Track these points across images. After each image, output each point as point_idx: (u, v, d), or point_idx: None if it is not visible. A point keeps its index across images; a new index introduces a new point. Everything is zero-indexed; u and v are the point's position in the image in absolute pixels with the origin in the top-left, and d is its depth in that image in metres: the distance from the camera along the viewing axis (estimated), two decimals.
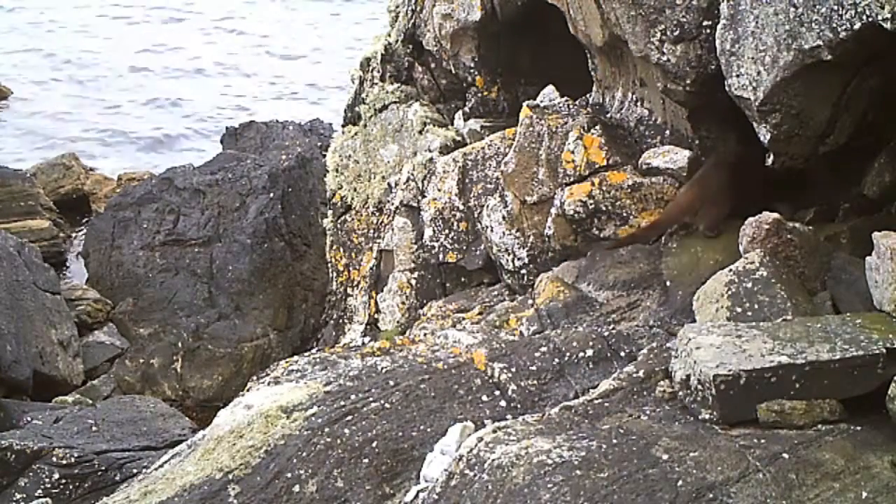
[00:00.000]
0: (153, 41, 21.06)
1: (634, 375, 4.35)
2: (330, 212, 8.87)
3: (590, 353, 4.90)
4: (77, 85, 18.91)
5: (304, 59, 20.48)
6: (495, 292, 6.70)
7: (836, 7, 4.38)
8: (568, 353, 4.90)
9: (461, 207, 7.05)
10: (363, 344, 6.17)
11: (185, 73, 19.51)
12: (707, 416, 3.89)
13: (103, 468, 6.20)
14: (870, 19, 4.24)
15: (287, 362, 5.26)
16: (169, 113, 17.95)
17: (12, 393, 8.39)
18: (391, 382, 4.72)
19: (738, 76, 5.00)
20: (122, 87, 18.83)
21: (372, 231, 8.28)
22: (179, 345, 10.14)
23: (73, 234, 12.91)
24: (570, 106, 6.42)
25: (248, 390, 5.16)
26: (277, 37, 21.53)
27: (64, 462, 6.14)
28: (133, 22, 22.24)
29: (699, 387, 3.92)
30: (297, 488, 4.26)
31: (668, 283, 5.48)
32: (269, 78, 19.53)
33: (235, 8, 23.22)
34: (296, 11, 23.31)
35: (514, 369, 4.82)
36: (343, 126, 9.03)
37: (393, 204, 7.72)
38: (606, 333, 5.07)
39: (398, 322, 7.47)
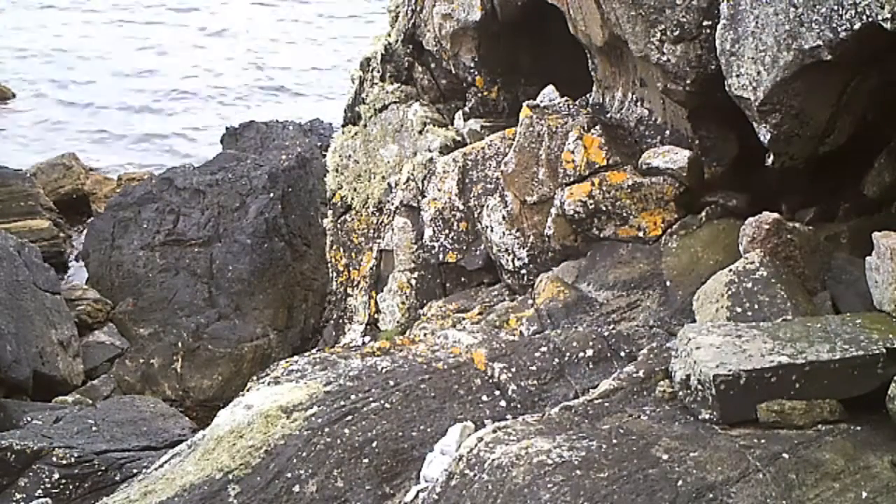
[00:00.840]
0: (152, 46, 21.13)
1: (634, 375, 4.36)
2: (330, 212, 8.87)
3: (590, 353, 4.90)
4: (79, 87, 18.93)
5: (302, 62, 20.52)
6: (495, 292, 6.70)
7: (836, 7, 4.38)
8: (568, 353, 4.90)
9: (461, 207, 7.04)
10: (363, 344, 6.18)
11: (184, 78, 19.55)
12: (707, 416, 3.89)
13: (103, 468, 6.20)
14: (870, 19, 4.24)
15: (287, 362, 5.26)
16: (168, 115, 17.98)
17: (12, 393, 8.39)
18: (391, 382, 4.72)
19: (738, 76, 5.00)
20: (122, 89, 18.85)
21: (372, 231, 8.28)
22: (179, 345, 10.14)
23: (73, 234, 12.91)
24: (570, 106, 6.42)
25: (248, 390, 5.16)
26: (274, 41, 21.57)
27: (64, 462, 6.14)
28: (134, 28, 22.29)
29: (699, 387, 3.92)
30: (297, 488, 4.26)
31: (668, 283, 5.48)
32: (267, 81, 19.58)
33: (232, 16, 23.29)
34: (291, 17, 23.38)
35: (514, 369, 4.82)
36: (343, 126, 9.03)
37: (393, 204, 7.72)
38: (606, 333, 5.07)
39: (398, 322, 7.47)
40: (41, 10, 22.93)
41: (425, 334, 5.96)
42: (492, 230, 6.52)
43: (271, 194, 10.81)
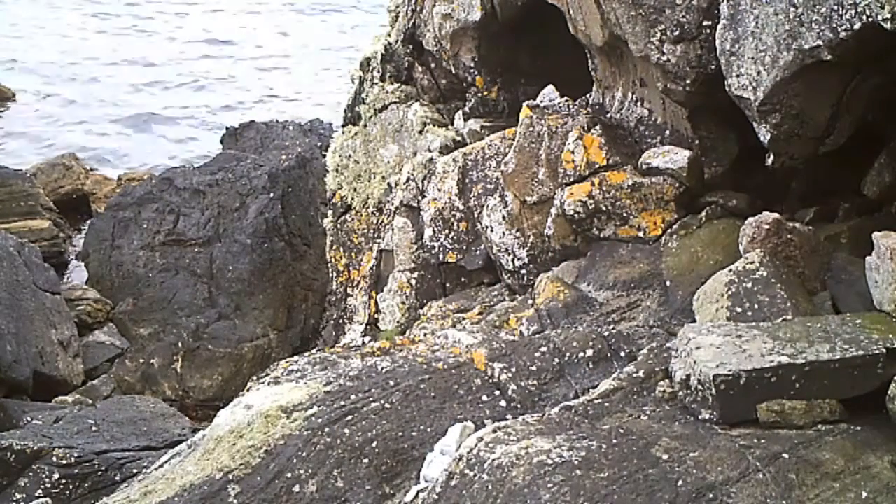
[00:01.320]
0: (153, 49, 21.16)
1: (634, 375, 4.35)
2: (330, 212, 8.87)
3: (590, 353, 4.90)
4: (79, 88, 18.96)
5: (296, 67, 20.56)
6: (495, 292, 6.70)
7: (836, 7, 4.38)
8: (568, 353, 4.90)
9: (461, 207, 7.05)
10: (363, 344, 6.17)
11: (184, 80, 19.58)
12: (707, 416, 3.89)
13: (103, 468, 6.19)
14: (870, 19, 4.24)
15: (287, 362, 5.26)
16: (168, 115, 18.00)
17: (12, 393, 8.40)
18: (391, 382, 4.72)
19: (738, 76, 5.00)
20: (122, 91, 18.88)
21: (372, 231, 8.28)
22: (179, 345, 10.14)
23: (73, 234, 12.92)
24: (570, 106, 6.42)
25: (248, 390, 5.16)
26: (268, 48, 21.60)
27: (64, 462, 6.14)
28: (134, 31, 22.33)
29: (699, 387, 3.92)
30: (297, 488, 4.26)
31: (668, 283, 5.48)
32: (262, 87, 19.62)
33: (232, 21, 23.33)
34: (287, 24, 23.42)
35: (514, 369, 4.82)
36: (343, 126, 9.03)
37: (393, 204, 7.72)
38: (606, 333, 5.07)
39: (398, 322, 7.47)
40: (42, 12, 22.95)
41: (425, 334, 5.96)
42: (492, 230, 6.52)
43: (271, 194, 10.82)
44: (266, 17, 23.84)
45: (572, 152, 6.13)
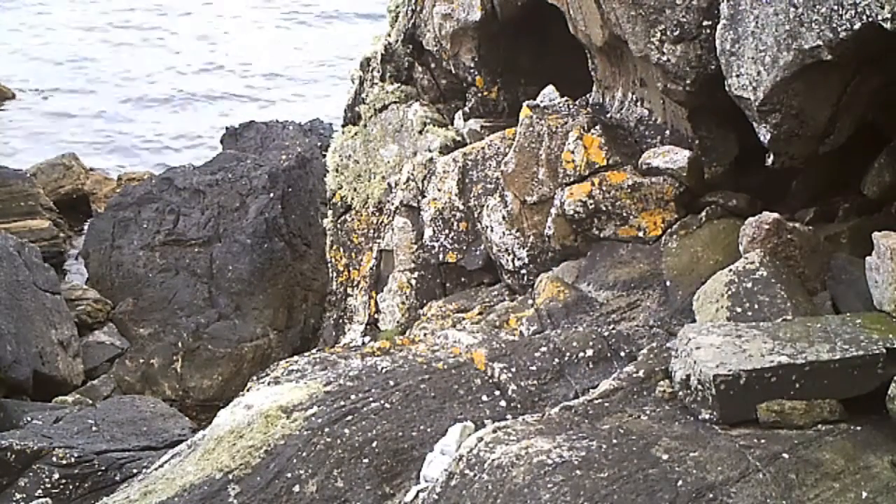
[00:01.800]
0: (151, 50, 21.19)
1: (634, 375, 4.36)
2: (330, 212, 8.87)
3: (590, 353, 4.90)
4: (78, 87, 18.96)
5: (297, 69, 20.57)
6: (495, 292, 6.70)
7: (836, 7, 4.39)
8: (568, 353, 4.90)
9: (461, 207, 7.05)
10: (363, 344, 6.18)
11: (183, 81, 19.59)
12: (707, 416, 3.89)
13: (103, 468, 6.20)
14: (870, 19, 4.24)
15: (287, 362, 5.26)
16: (169, 116, 18.01)
17: (12, 393, 8.39)
18: (391, 382, 4.72)
19: (738, 76, 5.00)
20: (121, 91, 18.88)
21: (372, 231, 8.28)
22: (179, 345, 10.14)
23: (73, 234, 12.91)
24: (570, 106, 6.42)
25: (248, 390, 5.16)
26: (268, 52, 21.61)
27: (64, 462, 6.14)
28: (133, 31, 22.35)
29: (699, 387, 3.92)
30: (297, 488, 4.26)
31: (668, 283, 5.48)
32: (261, 89, 19.62)
33: (230, 22, 23.35)
34: (287, 29, 23.44)
35: (514, 369, 4.82)
36: (343, 126, 9.03)
37: (393, 204, 7.72)
38: (606, 333, 5.07)
39: (398, 322, 7.47)
40: (41, 12, 22.96)
41: (425, 334, 5.96)
42: (492, 230, 6.53)
43: (271, 194, 10.81)
44: (267, 23, 23.84)
45: (572, 152, 6.13)
